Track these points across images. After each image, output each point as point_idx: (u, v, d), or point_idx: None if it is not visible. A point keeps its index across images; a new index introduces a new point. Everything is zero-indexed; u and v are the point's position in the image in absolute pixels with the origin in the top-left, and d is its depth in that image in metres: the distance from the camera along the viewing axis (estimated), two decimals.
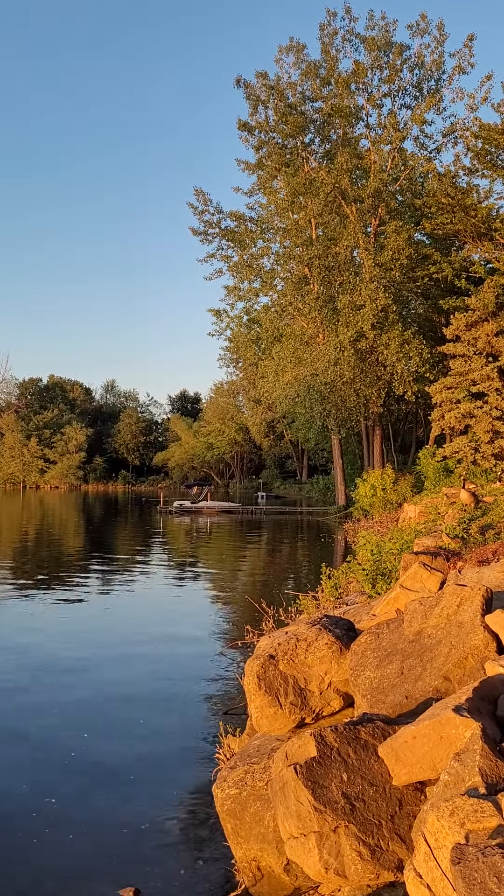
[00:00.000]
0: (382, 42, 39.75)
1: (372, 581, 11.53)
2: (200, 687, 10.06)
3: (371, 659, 5.39)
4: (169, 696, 9.75)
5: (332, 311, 40.69)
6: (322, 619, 6.14)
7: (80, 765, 7.45)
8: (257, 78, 40.61)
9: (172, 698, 9.63)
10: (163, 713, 9.05)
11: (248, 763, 5.27)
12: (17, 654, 11.87)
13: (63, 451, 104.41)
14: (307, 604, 11.78)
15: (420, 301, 42.32)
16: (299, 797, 4.00)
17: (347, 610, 9.64)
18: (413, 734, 3.97)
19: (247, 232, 44.93)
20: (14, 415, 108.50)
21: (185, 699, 9.56)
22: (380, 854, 3.79)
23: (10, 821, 6.29)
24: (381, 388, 41.34)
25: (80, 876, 5.45)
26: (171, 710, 9.16)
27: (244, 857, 4.92)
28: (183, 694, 9.78)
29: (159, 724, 8.66)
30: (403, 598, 7.02)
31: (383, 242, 39.69)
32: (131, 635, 13.40)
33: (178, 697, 9.65)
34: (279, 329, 44.90)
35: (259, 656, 5.73)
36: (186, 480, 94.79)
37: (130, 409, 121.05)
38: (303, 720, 5.51)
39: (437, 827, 3.37)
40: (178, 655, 11.90)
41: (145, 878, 5.35)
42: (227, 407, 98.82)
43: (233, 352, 54.95)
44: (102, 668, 11.11)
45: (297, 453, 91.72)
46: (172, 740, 8.14)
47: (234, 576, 22.51)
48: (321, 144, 42.48)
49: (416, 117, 40.05)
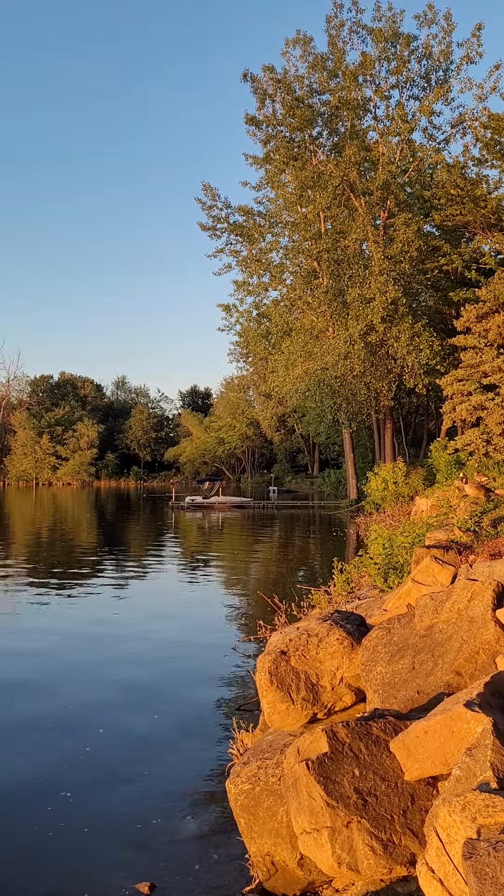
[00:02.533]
0: (390, 33, 39.51)
1: (384, 575, 11.51)
2: (213, 682, 10.10)
3: (382, 654, 5.40)
4: (182, 691, 9.80)
5: (342, 305, 40.57)
6: (333, 615, 6.15)
7: (95, 759, 7.51)
8: (264, 72, 40.50)
9: (185, 693, 9.68)
10: (176, 708, 9.10)
11: (261, 758, 5.29)
12: (32, 648, 11.96)
13: (75, 447, 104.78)
14: (319, 598, 11.79)
15: (430, 293, 42.13)
16: (311, 792, 4.02)
17: (359, 604, 9.64)
18: (424, 729, 3.98)
19: (255, 226, 44.85)
20: (26, 412, 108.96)
21: (198, 694, 9.60)
22: (392, 849, 3.81)
23: (27, 814, 6.35)
24: (391, 381, 41.22)
25: (96, 870, 5.50)
26: (184, 706, 9.21)
27: (258, 851, 4.95)
28: (196, 689, 9.82)
29: (172, 719, 8.71)
30: (415, 593, 7.02)
31: (392, 235, 39.52)
32: (144, 630, 13.47)
33: (190, 693, 9.70)
34: (289, 323, 44.82)
35: (270, 652, 5.75)
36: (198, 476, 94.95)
37: (141, 405, 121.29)
38: (315, 716, 5.53)
39: (449, 822, 3.38)
40: (190, 651, 11.95)
41: (160, 872, 5.40)
42: (237, 402, 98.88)
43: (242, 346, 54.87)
44: (115, 663, 11.18)
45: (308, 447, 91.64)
46: (185, 735, 8.18)
47: (247, 571, 22.55)
48: (329, 137, 42.33)
49: (424, 108, 39.82)
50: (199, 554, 26.50)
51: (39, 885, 5.35)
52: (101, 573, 20.80)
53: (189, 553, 26.91)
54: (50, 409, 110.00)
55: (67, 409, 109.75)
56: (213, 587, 19.28)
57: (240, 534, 35.30)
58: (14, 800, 6.66)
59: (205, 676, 10.37)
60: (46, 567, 22.21)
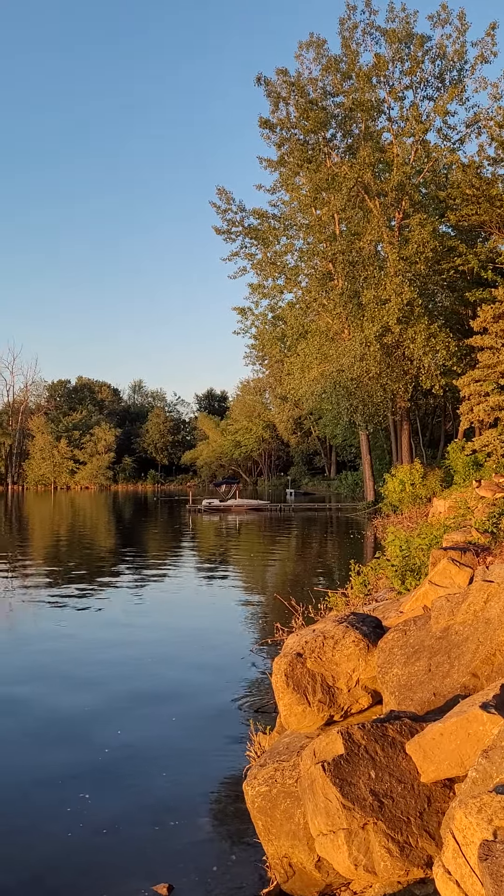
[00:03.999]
0: (403, 34, 39.43)
1: (401, 577, 11.47)
2: (231, 685, 10.12)
3: (398, 656, 5.39)
4: (200, 693, 9.82)
5: (357, 307, 40.50)
6: (349, 617, 6.15)
7: (113, 760, 7.55)
8: (278, 75, 40.56)
9: (203, 696, 9.70)
10: (193, 711, 9.12)
11: (278, 761, 5.30)
12: (51, 650, 12.04)
13: (92, 451, 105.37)
14: (336, 601, 11.77)
15: (446, 294, 41.94)
16: (327, 794, 4.03)
17: (376, 606, 9.63)
18: (440, 731, 3.97)
19: (270, 229, 44.88)
20: (44, 417, 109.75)
21: (216, 697, 9.62)
22: (409, 851, 3.81)
23: (46, 814, 6.41)
24: (408, 382, 41.06)
25: (115, 872, 5.53)
26: (202, 708, 9.23)
27: (275, 853, 4.96)
28: (213, 692, 9.85)
29: (190, 721, 8.74)
30: (432, 594, 7.00)
31: (407, 236, 39.40)
32: (162, 633, 13.52)
33: (208, 695, 9.72)
34: (304, 325, 44.79)
35: (286, 654, 5.76)
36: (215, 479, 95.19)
37: (158, 409, 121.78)
38: (331, 718, 5.53)
39: (465, 824, 3.38)
40: (208, 653, 11.98)
41: (178, 874, 5.42)
42: (253, 404, 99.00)
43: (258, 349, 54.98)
44: (133, 665, 11.22)
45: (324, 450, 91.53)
46: (203, 737, 8.21)
47: (264, 573, 22.56)
48: (343, 139, 42.28)
49: (438, 108, 39.69)
50: (216, 557, 26.54)
51: (58, 885, 5.38)
52: (120, 576, 20.89)
53: (206, 556, 26.96)
54: (67, 414, 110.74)
55: (85, 414, 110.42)
56: (231, 590, 19.30)
57: (257, 536, 35.31)
58: (33, 800, 6.72)
59: (222, 679, 10.39)
60: (65, 570, 22.34)
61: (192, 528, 39.95)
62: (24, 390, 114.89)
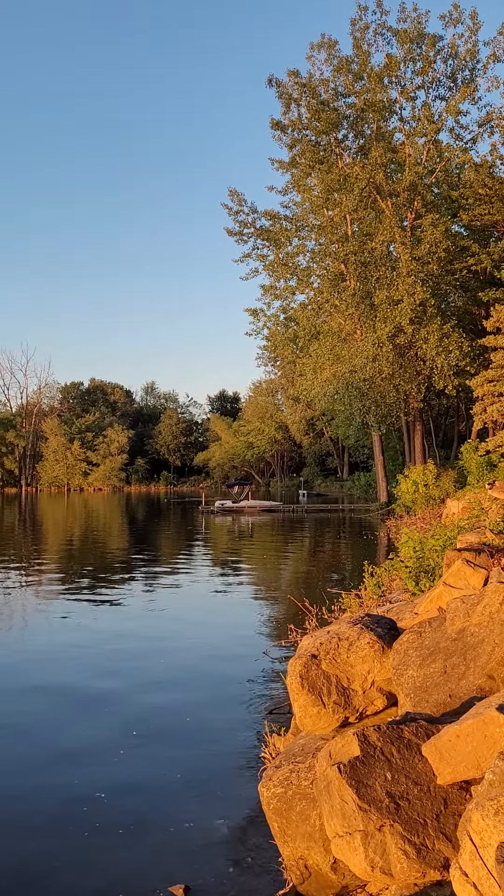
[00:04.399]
0: (415, 34, 39.36)
1: (415, 578, 11.44)
2: (245, 686, 10.12)
3: (414, 658, 5.38)
4: (214, 695, 9.84)
5: (370, 307, 40.44)
6: (364, 618, 6.15)
7: (127, 760, 7.58)
8: (289, 76, 40.59)
9: (217, 697, 9.72)
10: (208, 712, 9.14)
11: (293, 762, 5.31)
12: (66, 653, 12.10)
13: (105, 453, 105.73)
14: (350, 602, 11.76)
15: (459, 294, 41.81)
16: (343, 796, 4.03)
17: (391, 608, 9.61)
18: (457, 733, 3.97)
19: (282, 230, 44.90)
20: (57, 419, 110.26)
21: (230, 698, 9.63)
22: (426, 853, 3.80)
23: (61, 815, 6.44)
24: (420, 382, 40.96)
25: (131, 872, 5.55)
26: (217, 710, 9.24)
27: (291, 855, 4.96)
28: (228, 693, 9.86)
29: (205, 723, 8.75)
30: (446, 596, 6.98)
31: (420, 236, 39.30)
32: (175, 634, 13.55)
33: (222, 697, 9.74)
34: (316, 326, 44.78)
35: (301, 656, 5.76)
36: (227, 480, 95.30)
37: (170, 411, 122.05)
38: (346, 719, 5.52)
39: (482, 826, 3.37)
40: (222, 655, 11.99)
41: (195, 875, 5.43)
42: (266, 406, 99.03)
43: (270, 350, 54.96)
44: (146, 667, 11.26)
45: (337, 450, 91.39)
46: (218, 739, 8.22)
47: (277, 574, 22.56)
48: (355, 140, 42.24)
49: (450, 108, 39.58)
50: (229, 558, 26.56)
51: (74, 885, 5.41)
52: (133, 577, 20.96)
53: (219, 557, 26.99)
54: (80, 416, 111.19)
55: (98, 415, 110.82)
56: (244, 591, 19.31)
57: (270, 537, 35.31)
58: (50, 799, 6.75)
59: (236, 680, 10.40)
60: (79, 571, 22.44)
61: (204, 529, 40.00)
62: (37, 392, 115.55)
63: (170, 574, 21.71)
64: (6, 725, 8.76)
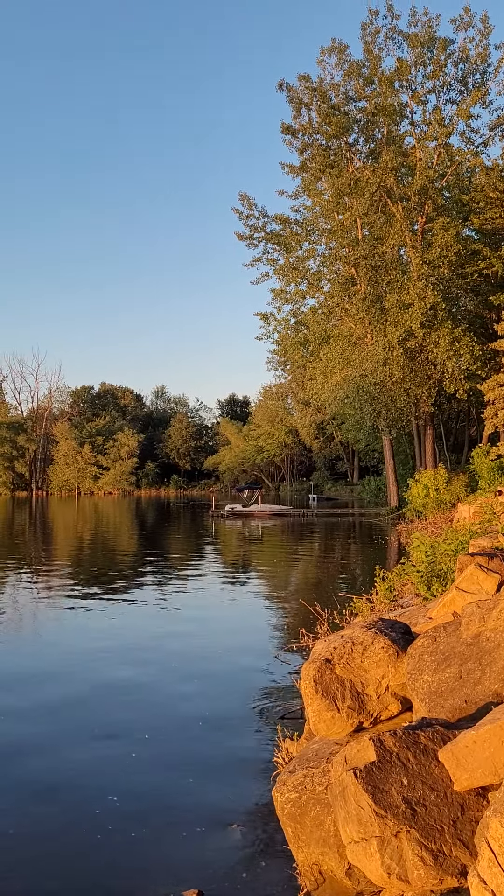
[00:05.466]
0: (426, 38, 39.36)
1: (427, 583, 11.40)
2: (256, 690, 10.10)
3: (429, 663, 5.36)
4: (225, 699, 9.81)
5: (380, 311, 40.39)
6: (378, 623, 6.12)
7: (141, 765, 7.57)
8: (299, 81, 40.67)
9: (229, 701, 9.69)
10: (219, 716, 9.12)
11: (307, 767, 5.28)
12: (75, 657, 12.11)
13: (115, 457, 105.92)
14: (361, 606, 11.72)
15: (470, 297, 41.70)
16: (359, 801, 4.01)
17: (402, 612, 9.58)
18: (474, 739, 3.94)
19: (292, 235, 44.93)
20: (67, 422, 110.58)
21: (242, 702, 9.61)
22: (443, 860, 3.77)
23: (75, 817, 6.44)
24: (431, 387, 40.85)
25: (144, 875, 5.54)
26: (228, 714, 9.22)
27: (305, 860, 4.94)
28: (239, 697, 9.83)
29: (216, 726, 8.73)
30: (459, 601, 6.95)
31: (431, 240, 39.24)
32: (186, 638, 13.53)
33: (234, 701, 9.71)
34: (327, 330, 44.75)
35: (315, 660, 5.74)
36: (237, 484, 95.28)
37: (180, 415, 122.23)
38: (360, 724, 5.50)
39: (501, 833, 3.34)
40: (233, 659, 11.97)
41: (208, 879, 5.41)
42: (276, 410, 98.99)
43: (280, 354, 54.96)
44: (158, 671, 11.26)
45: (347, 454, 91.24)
46: (230, 743, 8.20)
47: (287, 579, 22.52)
48: (365, 144, 42.26)
49: (461, 112, 39.56)
50: (239, 562, 26.55)
51: (86, 888, 5.40)
52: (143, 582, 20.97)
53: (229, 561, 26.97)
54: (91, 420, 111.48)
55: (108, 419, 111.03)
56: (254, 595, 19.29)
57: (280, 542, 35.27)
58: (63, 802, 6.76)
59: (247, 684, 10.38)
60: (89, 575, 22.48)
61: (214, 533, 40.00)
62: (48, 396, 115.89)
63: (179, 578, 21.71)
64: (15, 732, 8.77)
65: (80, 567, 25.03)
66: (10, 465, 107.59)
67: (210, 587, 20.04)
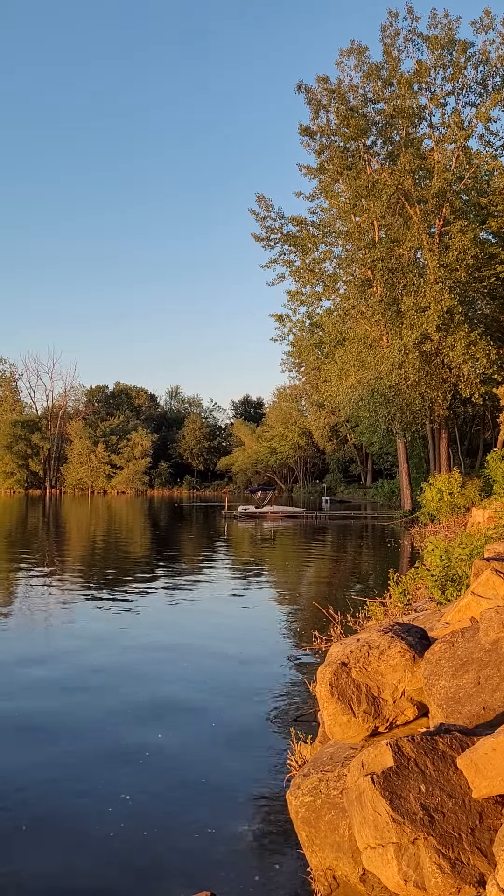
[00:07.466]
0: (445, 40, 39.24)
1: (441, 587, 11.32)
2: (269, 693, 10.07)
3: (446, 668, 5.30)
4: (238, 701, 9.79)
5: (396, 314, 40.26)
6: (394, 627, 6.07)
7: (153, 766, 7.56)
8: (318, 82, 40.64)
9: (242, 703, 9.67)
10: (232, 718, 9.09)
11: (322, 771, 5.25)
12: (89, 656, 12.12)
13: (129, 456, 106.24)
14: (375, 610, 11.66)
15: (487, 301, 41.52)
16: (376, 807, 3.97)
17: (417, 616, 9.51)
18: (493, 746, 3.89)
19: (309, 236, 44.90)
20: (82, 422, 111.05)
21: (255, 704, 9.58)
22: (461, 868, 3.72)
23: (87, 816, 6.43)
24: (446, 390, 40.66)
25: (155, 876, 5.52)
26: (241, 716, 9.19)
27: (319, 865, 4.90)
28: (252, 699, 9.80)
29: (229, 729, 8.71)
30: (475, 606, 6.88)
31: (448, 243, 39.08)
32: (199, 640, 13.51)
33: (247, 703, 9.68)
34: (342, 333, 44.68)
35: (331, 663, 5.70)
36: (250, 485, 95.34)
37: (194, 415, 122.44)
38: (376, 729, 5.45)
39: None
40: (245, 661, 11.94)
41: (220, 882, 5.38)
42: (289, 411, 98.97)
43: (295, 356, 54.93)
44: (169, 672, 11.24)
45: (361, 457, 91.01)
46: (243, 745, 8.17)
47: (300, 581, 22.46)
48: (383, 146, 42.19)
49: (480, 115, 39.36)
50: (251, 564, 26.51)
51: (97, 889, 5.39)
52: (155, 582, 20.98)
53: (242, 563, 26.94)
54: (105, 419, 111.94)
55: (122, 419, 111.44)
56: (267, 597, 19.25)
57: (292, 544, 35.19)
58: (74, 799, 6.75)
59: (260, 687, 10.34)
60: (101, 575, 22.51)
61: (227, 534, 39.99)
62: (62, 395, 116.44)
63: (192, 579, 21.70)
64: (29, 728, 8.78)
65: (92, 566, 25.08)
66: (24, 464, 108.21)
67: (222, 589, 20.02)
